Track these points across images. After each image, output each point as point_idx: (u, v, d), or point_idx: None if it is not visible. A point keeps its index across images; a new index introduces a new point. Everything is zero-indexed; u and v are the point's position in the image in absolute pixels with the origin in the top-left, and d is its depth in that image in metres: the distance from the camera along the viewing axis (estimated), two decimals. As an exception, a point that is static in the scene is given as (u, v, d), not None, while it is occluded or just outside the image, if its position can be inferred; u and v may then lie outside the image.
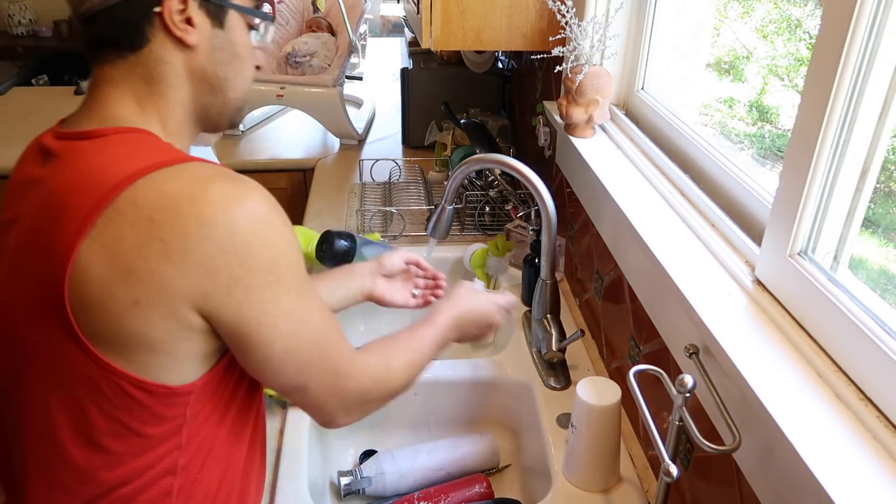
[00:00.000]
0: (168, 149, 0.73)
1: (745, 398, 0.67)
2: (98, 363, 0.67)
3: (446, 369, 1.26)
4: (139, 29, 0.72)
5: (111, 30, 0.72)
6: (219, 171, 0.70)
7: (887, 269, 0.76)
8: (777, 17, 1.09)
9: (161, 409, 0.70)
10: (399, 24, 3.85)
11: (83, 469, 0.71)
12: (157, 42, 0.73)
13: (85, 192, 0.66)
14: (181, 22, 0.73)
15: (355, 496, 1.12)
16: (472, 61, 2.16)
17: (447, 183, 1.21)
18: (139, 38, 0.72)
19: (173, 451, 0.73)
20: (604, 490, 1.00)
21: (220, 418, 0.77)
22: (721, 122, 1.22)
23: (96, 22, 0.72)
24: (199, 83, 0.77)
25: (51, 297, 0.66)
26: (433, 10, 1.36)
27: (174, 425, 0.72)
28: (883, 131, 0.68)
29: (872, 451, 0.59)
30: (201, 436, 0.75)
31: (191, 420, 0.73)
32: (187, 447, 0.74)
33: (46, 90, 2.89)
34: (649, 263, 0.91)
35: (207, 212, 0.65)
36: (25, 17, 4.19)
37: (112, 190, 0.65)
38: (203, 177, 0.68)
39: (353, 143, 2.30)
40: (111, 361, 0.67)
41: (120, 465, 0.72)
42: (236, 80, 0.80)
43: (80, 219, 0.65)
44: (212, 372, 0.73)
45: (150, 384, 0.68)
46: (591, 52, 1.22)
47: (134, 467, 0.72)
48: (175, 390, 0.70)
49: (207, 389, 0.73)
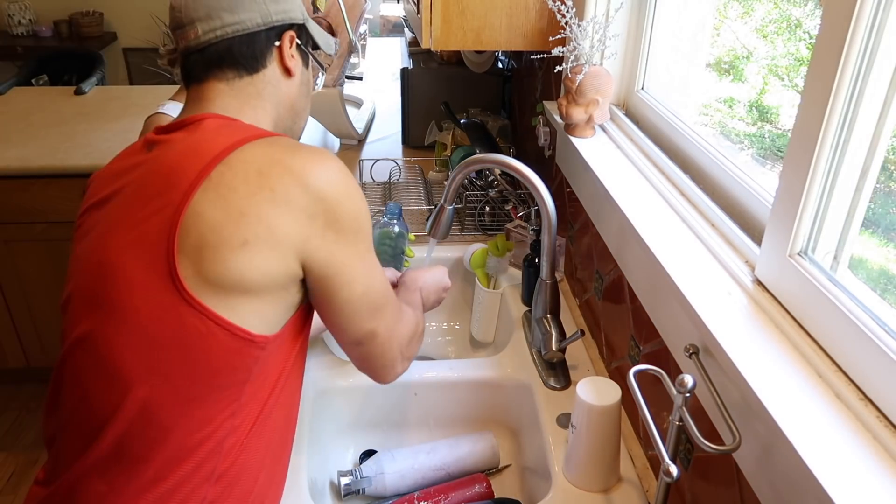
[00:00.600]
0: (261, 129, 0.87)
1: (745, 398, 0.67)
2: (191, 302, 0.75)
3: (446, 369, 1.26)
4: (262, 56, 0.90)
5: (236, 54, 0.88)
6: (302, 143, 0.85)
7: (887, 269, 0.76)
8: (777, 17, 1.09)
9: (235, 358, 0.78)
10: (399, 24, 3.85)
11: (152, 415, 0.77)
12: (271, 68, 0.91)
13: (197, 155, 0.78)
14: (290, 56, 0.92)
15: (355, 496, 1.12)
16: (472, 61, 2.16)
17: (447, 183, 1.21)
18: (261, 63, 0.90)
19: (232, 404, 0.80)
20: (604, 490, 1.00)
21: (274, 383, 0.84)
22: (721, 122, 1.22)
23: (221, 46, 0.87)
24: (287, 109, 0.95)
25: (156, 241, 0.76)
26: (433, 10, 1.36)
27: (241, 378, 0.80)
28: (883, 131, 0.68)
29: (872, 451, 0.59)
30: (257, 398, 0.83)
31: (254, 378, 0.81)
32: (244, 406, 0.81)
33: (46, 90, 2.89)
34: (649, 263, 0.91)
35: (307, 168, 0.79)
36: (25, 17, 4.19)
37: (224, 151, 0.78)
38: (296, 144, 0.83)
39: (353, 143, 2.30)
40: (204, 302, 0.75)
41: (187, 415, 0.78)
42: (306, 111, 1.01)
43: (196, 173, 0.76)
44: (280, 331, 0.82)
45: (234, 326, 0.77)
46: (591, 52, 1.22)
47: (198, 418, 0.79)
48: (254, 339, 0.79)
49: (274, 349, 0.82)
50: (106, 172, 0.90)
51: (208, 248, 0.75)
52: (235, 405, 0.81)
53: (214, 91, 0.88)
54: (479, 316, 1.51)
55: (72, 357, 0.82)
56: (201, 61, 0.88)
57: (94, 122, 2.45)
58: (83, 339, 0.80)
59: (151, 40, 4.32)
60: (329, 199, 0.79)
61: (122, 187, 0.84)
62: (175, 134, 0.85)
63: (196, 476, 0.79)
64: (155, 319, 0.76)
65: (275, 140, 0.82)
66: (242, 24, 0.86)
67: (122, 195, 0.83)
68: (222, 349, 0.77)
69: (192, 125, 0.85)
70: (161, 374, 0.77)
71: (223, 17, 0.86)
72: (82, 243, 0.86)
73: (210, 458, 0.80)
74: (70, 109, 2.59)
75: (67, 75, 3.68)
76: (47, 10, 4.24)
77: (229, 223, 0.75)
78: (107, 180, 0.88)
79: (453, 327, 1.64)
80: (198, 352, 0.77)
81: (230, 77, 0.89)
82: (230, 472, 0.82)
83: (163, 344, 0.76)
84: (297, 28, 0.93)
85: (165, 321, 0.76)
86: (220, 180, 0.76)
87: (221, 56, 0.87)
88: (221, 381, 0.79)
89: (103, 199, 0.86)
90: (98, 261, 0.80)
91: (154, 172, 0.81)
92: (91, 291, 0.81)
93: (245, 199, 0.76)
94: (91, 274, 0.81)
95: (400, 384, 1.25)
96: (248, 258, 0.75)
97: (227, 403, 0.80)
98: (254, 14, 0.87)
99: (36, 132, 2.36)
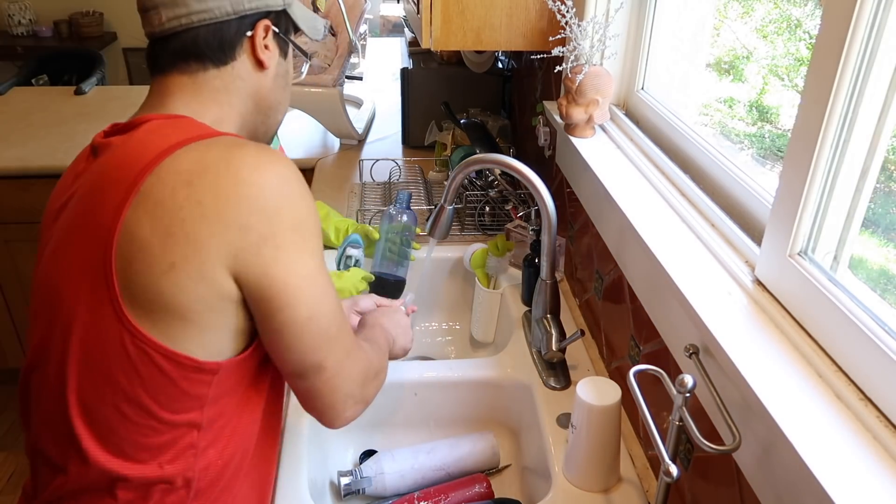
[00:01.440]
0: (206, 127, 0.80)
1: (745, 398, 0.67)
2: (131, 330, 0.70)
3: (446, 369, 1.26)
4: (231, 48, 0.82)
5: (202, 45, 0.80)
6: (248, 141, 0.77)
7: (887, 269, 0.76)
8: (777, 17, 1.09)
9: (185, 384, 0.73)
10: (399, 24, 3.85)
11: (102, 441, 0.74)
12: (240, 60, 0.83)
13: (130, 165, 0.72)
14: (264, 47, 0.83)
15: (355, 496, 1.12)
16: (472, 61, 2.16)
17: (447, 183, 1.21)
18: (229, 55, 0.82)
19: (192, 431, 0.75)
20: (604, 490, 1.00)
21: (241, 406, 0.79)
22: (721, 122, 1.22)
23: (186, 35, 0.79)
24: (260, 102, 0.87)
25: (97, 262, 0.70)
26: (433, 10, 1.36)
27: (195, 405, 0.74)
28: (883, 131, 0.68)
29: (872, 451, 0.59)
30: (221, 421, 0.77)
31: (212, 402, 0.76)
32: (207, 430, 0.76)
33: (46, 90, 2.89)
34: (649, 263, 0.91)
35: (242, 173, 0.71)
36: (25, 17, 4.19)
37: (154, 160, 0.71)
38: (237, 143, 0.75)
39: (353, 143, 2.30)
40: (143, 329, 0.70)
41: (141, 438, 0.74)
42: (283, 105, 0.91)
43: (126, 187, 0.70)
44: (240, 357, 0.76)
45: (177, 355, 0.71)
46: (591, 52, 1.22)
47: (155, 444, 0.75)
48: (201, 365, 0.73)
49: (233, 373, 0.76)
50: (60, 182, 0.85)
51: (139, 272, 0.69)
52: (195, 429, 0.76)
53: (176, 85, 0.81)
54: (479, 316, 1.51)
55: (30, 381, 0.80)
56: (165, 51, 0.81)
57: (94, 122, 2.45)
58: (38, 362, 0.78)
59: (151, 40, 4.31)
60: (266, 208, 0.70)
61: (69, 200, 0.79)
62: (116, 138, 0.78)
63: (168, 500, 0.77)
64: (99, 346, 0.72)
65: (214, 142, 0.74)
66: (210, 13, 0.78)
67: (69, 210, 0.78)
68: (167, 376, 0.72)
69: (137, 128, 0.77)
70: (110, 402, 0.73)
71: (189, 3, 0.78)
72: (39, 264, 0.81)
73: (182, 484, 0.77)
74: (70, 109, 2.59)
75: (67, 75, 3.68)
76: (47, 10, 4.24)
77: (156, 244, 0.69)
78: (59, 191, 0.83)
79: (453, 327, 1.64)
80: (143, 379, 0.72)
81: (194, 69, 0.81)
82: (207, 494, 0.79)
83: (109, 371, 0.72)
84: (274, 15, 0.84)
85: (109, 348, 0.71)
86: (150, 193, 0.69)
87: (185, 47, 0.80)
88: (174, 406, 0.74)
89: (56, 213, 0.81)
90: (49, 284, 0.77)
91: (93, 184, 0.75)
92: (45, 313, 0.77)
93: (172, 215, 0.69)
94: (44, 296, 0.78)
95: (400, 384, 1.25)
96: (177, 281, 0.69)
97: (187, 429, 0.76)
98: (223, 2, 0.79)
99: (36, 132, 2.36)
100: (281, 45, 0.87)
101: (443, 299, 1.65)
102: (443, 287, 1.64)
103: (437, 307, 1.64)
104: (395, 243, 1.44)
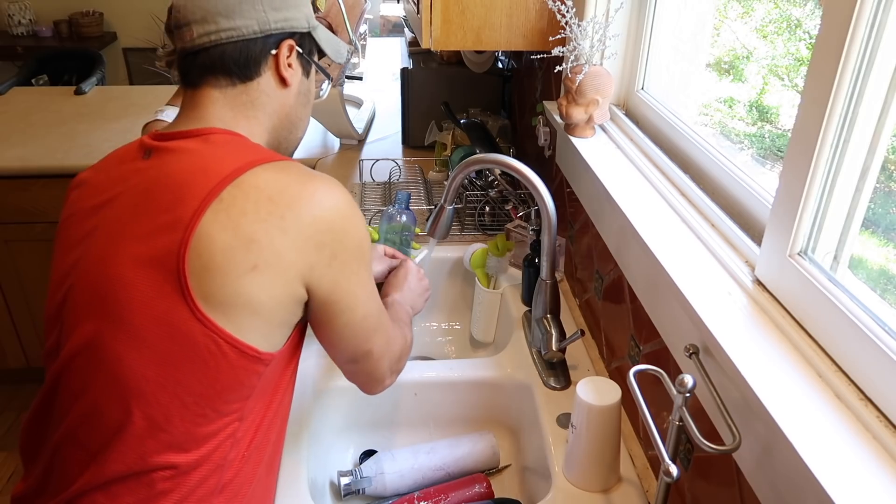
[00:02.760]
0: (268, 150, 0.87)
1: (745, 398, 0.67)
2: (202, 320, 0.75)
3: (446, 369, 1.26)
4: (257, 64, 0.88)
5: (228, 61, 0.86)
6: (313, 170, 0.85)
7: (887, 269, 0.76)
8: (777, 17, 1.09)
9: (244, 374, 0.79)
10: (399, 24, 3.85)
11: (151, 429, 0.78)
12: (265, 77, 0.89)
13: (206, 174, 0.78)
14: (287, 65, 0.90)
15: (355, 496, 1.12)
16: (472, 61, 2.16)
17: (447, 183, 1.21)
18: (254, 71, 0.88)
19: (235, 422, 0.81)
20: (604, 490, 1.00)
21: (271, 397, 0.86)
22: (721, 122, 1.22)
23: (215, 51, 0.85)
24: (283, 119, 0.93)
25: (169, 257, 0.75)
26: (433, 10, 1.36)
27: (246, 394, 0.81)
28: (883, 131, 0.68)
29: (872, 451, 0.59)
30: (257, 411, 0.84)
31: (259, 393, 0.83)
32: (246, 420, 0.82)
33: (46, 90, 2.89)
34: (649, 263, 0.91)
35: (316, 198, 0.80)
36: (25, 17, 4.19)
37: (234, 173, 0.78)
38: (307, 172, 0.83)
39: (353, 143, 2.30)
40: (215, 320, 0.76)
41: (193, 427, 0.79)
42: (305, 121, 0.99)
43: (205, 194, 0.76)
44: (282, 349, 0.83)
45: (243, 344, 0.78)
46: (591, 52, 1.22)
47: (202, 433, 0.79)
48: (261, 356, 0.80)
49: (275, 365, 0.83)
50: (99, 176, 0.88)
51: (218, 271, 0.75)
52: (239, 419, 0.81)
53: (209, 98, 0.87)
54: (479, 316, 1.51)
55: (73, 367, 0.81)
56: (195, 65, 0.87)
57: (94, 122, 2.45)
58: (86, 349, 0.79)
59: (151, 40, 4.32)
60: (336, 230, 0.81)
61: (120, 194, 0.83)
62: (177, 143, 0.84)
63: (201, 489, 0.80)
64: (166, 336, 0.76)
65: (286, 166, 0.83)
66: (238, 31, 0.85)
67: (121, 202, 0.82)
68: (231, 366, 0.78)
69: (199, 137, 0.84)
70: (171, 391, 0.77)
71: (219, 21, 0.84)
72: (79, 248, 0.84)
73: (215, 472, 0.80)
74: (70, 109, 2.59)
75: (67, 75, 3.68)
76: (47, 10, 4.24)
77: (239, 247, 0.75)
78: (102, 184, 0.86)
79: (453, 327, 1.64)
80: (208, 369, 0.77)
81: (223, 84, 0.87)
82: (233, 483, 0.83)
83: (174, 360, 0.77)
84: (299, 36, 0.91)
85: (177, 338, 0.76)
86: (232, 203, 0.77)
87: (214, 62, 0.86)
88: (228, 396, 0.80)
89: (99, 205, 0.84)
90: (105, 272, 0.79)
91: (159, 184, 0.80)
92: (97, 301, 0.80)
93: (255, 225, 0.76)
94: (96, 283, 0.80)
95: (400, 384, 1.24)
96: (257, 282, 0.76)
97: (233, 418, 0.81)
98: (251, 21, 0.85)
99: (36, 132, 2.36)
100: (304, 64, 0.94)
101: (443, 299, 1.65)
102: (443, 287, 1.64)
103: (437, 307, 1.64)
104: (395, 243, 1.44)
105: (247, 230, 0.76)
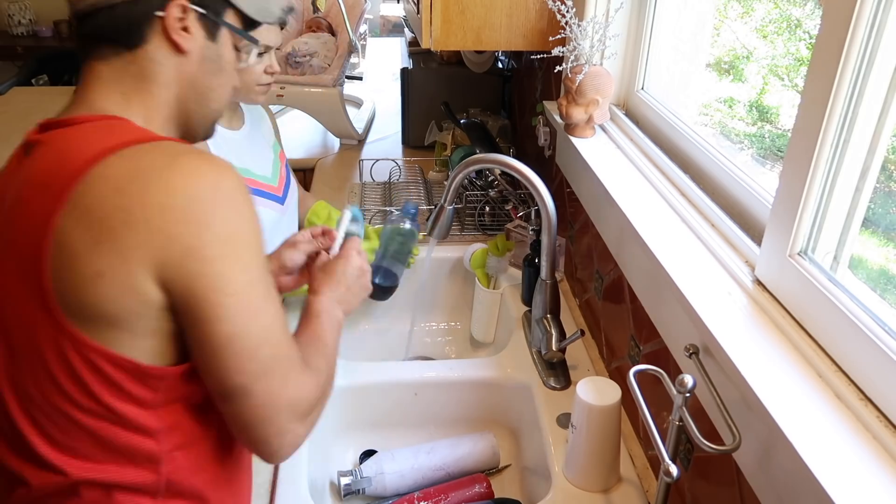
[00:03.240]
0: (144, 131, 0.75)
1: (745, 398, 0.67)
2: (69, 336, 0.68)
3: (446, 369, 1.26)
4: (139, 28, 0.75)
5: (111, 27, 0.74)
6: (192, 149, 0.72)
7: (887, 269, 0.76)
8: (777, 17, 1.09)
9: (130, 387, 0.70)
10: (399, 24, 3.85)
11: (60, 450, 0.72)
12: (154, 43, 0.76)
13: (61, 169, 0.69)
14: (179, 28, 0.76)
15: (355, 496, 1.12)
16: (472, 61, 2.16)
17: (447, 183, 1.21)
18: (137, 37, 0.75)
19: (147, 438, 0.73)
20: (604, 490, 1.00)
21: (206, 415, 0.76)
22: (721, 122, 1.22)
23: (96, 18, 0.74)
24: (187, 89, 0.80)
25: (30, 271, 0.68)
26: (433, 10, 1.36)
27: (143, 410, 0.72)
28: (883, 131, 0.68)
29: (872, 451, 0.59)
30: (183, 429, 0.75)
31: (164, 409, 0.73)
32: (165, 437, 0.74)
33: (46, 90, 2.89)
34: (649, 263, 0.91)
35: (173, 181, 0.67)
36: (25, 17, 4.19)
37: (84, 165, 0.67)
38: (177, 151, 0.70)
39: (353, 143, 2.30)
40: (84, 334, 0.68)
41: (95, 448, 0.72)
42: (219, 91, 0.84)
43: (57, 193, 0.67)
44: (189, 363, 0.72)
45: (119, 358, 0.69)
46: (591, 52, 1.22)
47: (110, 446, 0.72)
48: (145, 370, 0.70)
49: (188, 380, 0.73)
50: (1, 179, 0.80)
51: (69, 281, 0.67)
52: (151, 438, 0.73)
53: (93, 74, 0.76)
54: (479, 316, 1.52)
55: None
56: (81, 35, 0.76)
57: (94, 122, 2.45)
58: None
59: (151, 40, 4.31)
60: (190, 220, 0.67)
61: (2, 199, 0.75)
62: (47, 135, 0.75)
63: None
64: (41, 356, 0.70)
65: (150, 147, 0.70)
66: None
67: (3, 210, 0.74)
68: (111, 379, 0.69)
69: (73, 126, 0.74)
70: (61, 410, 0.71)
71: None
72: None
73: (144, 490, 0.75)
74: (70, 109, 2.58)
75: (67, 75, 3.68)
76: (47, 10, 4.24)
77: (85, 252, 0.66)
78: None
79: (453, 327, 1.64)
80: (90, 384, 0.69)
81: (108, 55, 0.75)
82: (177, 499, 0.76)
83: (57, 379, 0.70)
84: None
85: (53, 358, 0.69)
86: (80, 200, 0.67)
87: (95, 29, 0.75)
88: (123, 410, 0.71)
89: None
90: None
91: (27, 184, 0.72)
92: None
93: (100, 224, 0.66)
94: None
95: (400, 384, 1.25)
96: (104, 290, 0.66)
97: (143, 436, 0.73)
98: None
99: (36, 132, 2.36)
100: (210, 26, 0.79)
101: (443, 299, 1.65)
102: (443, 287, 1.64)
103: (437, 307, 1.64)
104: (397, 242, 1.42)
105: (92, 230, 0.66)
